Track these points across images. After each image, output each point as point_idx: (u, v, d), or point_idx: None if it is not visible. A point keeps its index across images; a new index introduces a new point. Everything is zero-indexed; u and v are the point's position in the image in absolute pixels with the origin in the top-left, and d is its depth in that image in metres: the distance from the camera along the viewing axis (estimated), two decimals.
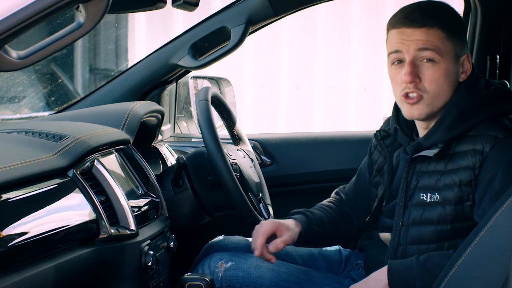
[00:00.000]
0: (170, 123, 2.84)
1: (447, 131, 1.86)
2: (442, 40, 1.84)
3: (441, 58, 1.84)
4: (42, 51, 1.32)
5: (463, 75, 1.90)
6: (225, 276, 2.02)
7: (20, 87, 4.80)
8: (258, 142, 2.82)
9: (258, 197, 2.30)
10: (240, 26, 2.44)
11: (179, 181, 2.17)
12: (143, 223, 1.85)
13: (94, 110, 2.25)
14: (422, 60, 1.85)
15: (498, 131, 1.82)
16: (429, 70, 1.85)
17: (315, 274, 2.03)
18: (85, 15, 1.32)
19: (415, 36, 1.84)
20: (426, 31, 1.84)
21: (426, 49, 1.84)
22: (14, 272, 1.39)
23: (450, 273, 1.51)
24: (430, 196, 1.87)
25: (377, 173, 2.08)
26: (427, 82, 1.85)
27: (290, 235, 1.97)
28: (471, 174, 1.81)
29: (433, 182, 1.87)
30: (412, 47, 1.85)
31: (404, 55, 1.86)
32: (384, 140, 2.05)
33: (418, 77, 1.85)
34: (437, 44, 1.84)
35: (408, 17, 1.86)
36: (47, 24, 4.41)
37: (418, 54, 1.85)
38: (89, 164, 1.71)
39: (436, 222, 1.85)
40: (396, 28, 1.88)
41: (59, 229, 1.52)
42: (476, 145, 1.82)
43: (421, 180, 1.90)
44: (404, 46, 1.86)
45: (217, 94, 2.31)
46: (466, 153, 1.83)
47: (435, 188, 1.86)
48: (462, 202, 1.82)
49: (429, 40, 1.84)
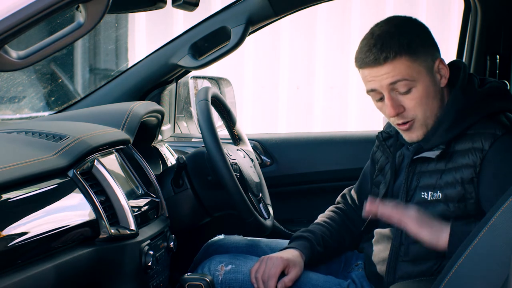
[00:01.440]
0: (170, 123, 2.84)
1: (447, 132, 1.87)
2: (409, 65, 1.84)
3: (415, 81, 1.85)
4: (42, 51, 1.32)
5: (443, 80, 1.90)
6: (225, 279, 2.02)
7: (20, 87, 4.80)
8: (258, 142, 2.82)
9: (258, 197, 2.29)
10: (240, 26, 2.44)
11: (179, 181, 2.17)
12: (143, 223, 1.85)
13: (94, 110, 2.25)
14: (398, 91, 1.86)
15: (496, 128, 1.84)
16: (409, 98, 1.86)
17: (315, 277, 2.03)
18: (85, 15, 1.32)
19: (382, 72, 1.84)
20: (391, 64, 1.83)
21: (397, 81, 1.84)
22: (14, 272, 1.39)
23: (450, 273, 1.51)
24: (431, 195, 1.88)
25: (379, 172, 2.09)
26: (411, 108, 1.87)
27: (297, 271, 1.99)
28: (472, 172, 1.83)
29: (433, 181, 1.88)
30: (384, 83, 1.85)
31: (380, 91, 1.87)
32: (386, 141, 2.07)
33: (401, 107, 1.87)
34: (406, 72, 1.83)
35: (369, 56, 1.85)
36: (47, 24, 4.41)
37: (392, 87, 1.85)
38: (89, 164, 1.71)
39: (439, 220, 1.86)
40: (362, 68, 1.88)
41: (59, 229, 1.52)
42: (475, 143, 1.84)
43: (421, 180, 1.91)
44: (376, 84, 1.87)
45: (217, 94, 2.31)
46: (466, 152, 1.85)
47: (436, 187, 1.88)
48: (465, 199, 1.84)
49: (396, 73, 1.83)
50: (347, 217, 2.19)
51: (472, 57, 2.73)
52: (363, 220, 2.13)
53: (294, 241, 2.09)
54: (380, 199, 2.05)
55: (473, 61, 2.73)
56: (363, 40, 1.90)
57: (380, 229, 2.03)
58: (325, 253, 2.10)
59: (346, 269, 2.16)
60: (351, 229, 2.17)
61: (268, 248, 2.23)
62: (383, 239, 2.00)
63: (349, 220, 2.18)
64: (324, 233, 2.11)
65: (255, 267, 1.99)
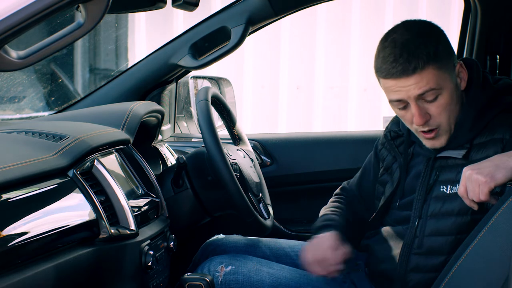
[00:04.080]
0: (170, 123, 2.84)
1: (470, 131, 1.88)
2: (436, 74, 1.82)
3: (442, 89, 1.84)
4: (42, 51, 1.32)
5: (462, 83, 1.90)
6: (225, 280, 2.02)
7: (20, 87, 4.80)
8: (258, 142, 2.82)
9: (258, 197, 2.29)
10: (240, 26, 2.44)
11: (179, 181, 2.17)
12: (143, 223, 1.85)
13: (94, 110, 2.25)
14: (425, 99, 1.84)
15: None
16: (435, 106, 1.85)
17: (315, 278, 2.03)
18: (85, 15, 1.32)
19: (410, 83, 1.81)
20: (420, 75, 1.81)
21: (426, 92, 1.82)
22: (14, 272, 1.39)
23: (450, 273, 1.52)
24: (450, 188, 1.89)
25: (385, 171, 2.08)
26: (437, 116, 1.86)
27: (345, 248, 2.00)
28: None
29: (453, 176, 1.89)
30: (411, 94, 1.83)
31: (407, 100, 1.85)
32: (394, 140, 2.06)
33: (427, 114, 1.85)
34: (434, 81, 1.82)
35: (396, 67, 1.81)
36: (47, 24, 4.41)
37: (420, 97, 1.83)
38: (89, 164, 1.71)
39: (457, 214, 1.86)
40: (387, 78, 1.84)
41: (59, 229, 1.52)
42: (494, 134, 1.85)
43: (441, 175, 1.92)
44: (403, 94, 1.84)
45: (217, 94, 2.31)
46: (486, 144, 1.85)
47: (455, 181, 1.88)
48: None
49: (425, 83, 1.81)
50: (350, 205, 2.19)
51: (472, 57, 2.73)
52: (366, 212, 2.12)
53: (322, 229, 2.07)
54: (386, 198, 2.05)
55: None
56: (384, 48, 1.85)
57: (388, 227, 2.02)
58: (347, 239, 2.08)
59: (346, 270, 2.15)
60: (357, 217, 2.16)
61: (267, 248, 2.23)
62: (392, 237, 1.99)
63: (352, 208, 2.18)
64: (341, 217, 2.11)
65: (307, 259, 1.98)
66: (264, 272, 2.04)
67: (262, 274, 2.03)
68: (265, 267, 2.06)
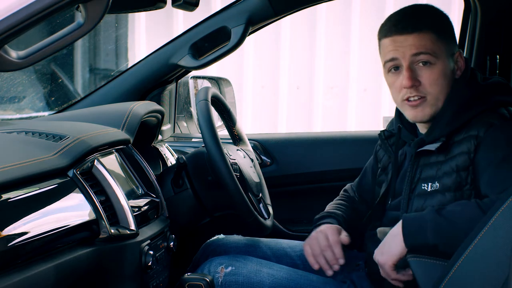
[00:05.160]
0: (170, 123, 2.84)
1: (447, 125, 1.89)
2: (434, 42, 1.88)
3: (436, 59, 1.89)
4: (42, 51, 1.32)
5: (458, 72, 1.94)
6: (225, 281, 2.02)
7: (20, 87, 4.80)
8: (258, 142, 2.82)
9: (258, 197, 2.29)
10: (240, 26, 2.44)
11: (179, 181, 2.17)
12: (143, 223, 1.85)
13: (94, 110, 2.25)
14: (418, 64, 1.89)
15: (494, 118, 1.87)
16: (427, 73, 1.89)
17: (315, 279, 2.03)
18: (85, 15, 1.32)
19: (408, 42, 1.88)
20: (418, 36, 1.88)
21: (421, 53, 1.88)
22: (14, 272, 1.39)
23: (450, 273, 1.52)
24: (430, 185, 1.90)
25: (382, 172, 2.09)
26: (427, 84, 1.89)
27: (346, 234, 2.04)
28: (467, 158, 1.84)
29: (433, 172, 1.90)
30: (407, 53, 1.88)
31: (400, 61, 1.90)
32: (388, 139, 2.07)
33: (417, 80, 1.89)
34: (431, 47, 1.88)
35: (398, 25, 1.90)
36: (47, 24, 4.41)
37: (414, 58, 1.88)
38: (89, 164, 1.71)
39: None
40: (388, 36, 1.92)
41: (59, 229, 1.52)
42: (470, 131, 1.86)
43: (423, 172, 1.93)
44: (399, 53, 1.89)
45: (217, 94, 2.31)
46: (462, 140, 1.87)
47: (435, 177, 1.89)
48: (461, 187, 1.85)
49: (422, 44, 1.88)
50: (353, 205, 2.21)
51: (472, 57, 2.73)
52: (367, 212, 2.14)
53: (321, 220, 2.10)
54: (381, 198, 2.06)
55: (473, 61, 2.73)
56: (392, 14, 1.95)
57: (384, 228, 2.03)
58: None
59: (346, 270, 2.16)
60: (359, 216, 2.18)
61: (267, 248, 2.23)
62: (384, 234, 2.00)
63: (354, 209, 2.20)
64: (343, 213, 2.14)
65: (309, 251, 2.01)
66: (264, 272, 2.04)
67: (262, 275, 2.03)
68: (265, 267, 2.06)
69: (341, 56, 5.35)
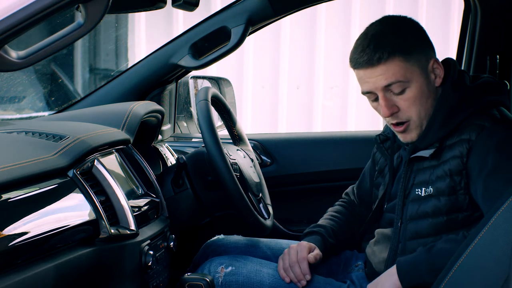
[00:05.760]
0: (170, 123, 2.84)
1: (439, 130, 1.88)
2: (403, 66, 1.84)
3: (410, 82, 1.85)
4: (42, 51, 1.32)
5: (437, 80, 1.90)
6: (225, 281, 2.02)
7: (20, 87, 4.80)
8: (258, 142, 2.82)
9: (258, 197, 2.29)
10: (240, 26, 2.44)
11: (179, 181, 2.17)
12: (143, 223, 1.85)
13: (94, 110, 2.25)
14: (392, 92, 1.86)
15: (485, 120, 1.85)
16: (403, 99, 1.86)
17: (315, 279, 2.03)
18: (85, 15, 1.32)
19: (377, 73, 1.84)
20: (385, 65, 1.83)
21: (392, 83, 1.84)
22: (14, 272, 1.39)
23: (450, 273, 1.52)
24: (424, 190, 1.90)
25: (379, 174, 2.10)
26: (406, 109, 1.87)
27: (319, 252, 2.05)
28: (460, 162, 1.83)
29: (427, 177, 1.90)
30: (378, 84, 1.85)
31: (375, 92, 1.87)
32: (384, 143, 2.07)
33: (395, 107, 1.87)
34: (400, 73, 1.84)
35: (362, 57, 1.84)
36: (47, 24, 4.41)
37: (387, 88, 1.86)
38: (89, 164, 1.71)
39: (432, 215, 1.87)
40: (356, 69, 1.88)
41: (59, 229, 1.52)
42: (462, 135, 1.85)
43: (417, 177, 1.93)
44: (370, 86, 1.87)
45: (217, 94, 2.31)
46: (454, 144, 1.86)
47: (428, 182, 1.89)
48: (456, 191, 1.84)
49: (391, 74, 1.83)
50: (353, 210, 2.22)
51: (472, 57, 2.73)
52: (364, 218, 2.14)
53: (306, 236, 2.11)
54: (379, 201, 2.07)
55: (473, 61, 2.72)
56: (357, 40, 1.90)
57: (382, 229, 2.04)
58: (337, 244, 2.13)
59: (346, 270, 2.16)
60: (360, 220, 2.20)
61: (267, 248, 2.23)
62: (384, 239, 2.01)
63: (354, 214, 2.21)
64: (333, 226, 2.15)
65: (281, 265, 2.03)
66: (264, 273, 2.04)
67: (262, 275, 2.03)
68: (265, 268, 2.06)
69: (341, 56, 5.35)
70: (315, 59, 5.38)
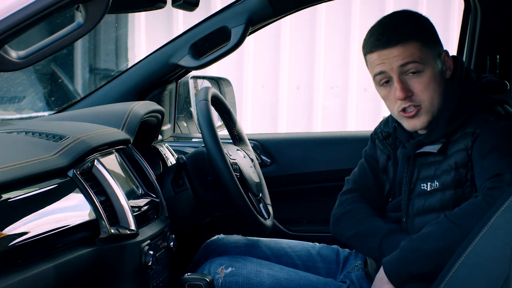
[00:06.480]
0: (170, 123, 2.84)
1: (446, 126, 1.89)
2: (420, 49, 1.88)
3: (425, 66, 1.88)
4: (42, 51, 1.32)
5: (448, 72, 1.94)
6: (225, 282, 2.02)
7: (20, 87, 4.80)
8: (258, 142, 2.82)
9: (258, 197, 2.29)
10: (240, 26, 2.44)
11: (179, 181, 2.17)
12: (143, 223, 1.85)
13: (94, 110, 2.25)
14: (407, 74, 1.88)
15: (490, 115, 1.88)
16: (417, 82, 1.88)
17: (315, 279, 2.03)
18: (85, 15, 1.32)
19: (394, 54, 1.87)
20: (403, 47, 1.87)
21: (408, 63, 1.87)
22: (14, 272, 1.39)
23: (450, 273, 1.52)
24: (430, 185, 1.91)
25: (383, 173, 2.09)
26: (419, 93, 1.89)
27: None
28: (465, 155, 1.85)
29: (432, 172, 1.91)
30: (394, 65, 1.88)
31: (389, 74, 1.89)
32: (386, 139, 2.07)
33: (409, 91, 1.89)
34: (418, 55, 1.87)
35: (381, 39, 1.89)
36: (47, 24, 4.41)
37: (402, 69, 1.88)
38: (89, 164, 1.71)
39: (439, 209, 1.88)
40: (373, 52, 1.91)
41: (59, 229, 1.52)
42: (467, 128, 1.87)
43: (421, 172, 1.94)
44: (386, 66, 1.89)
45: (217, 94, 2.31)
46: (459, 138, 1.88)
47: (434, 177, 1.90)
48: (462, 184, 1.86)
49: (408, 54, 1.87)
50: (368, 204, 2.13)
51: (472, 57, 2.73)
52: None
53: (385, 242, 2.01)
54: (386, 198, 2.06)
55: (473, 61, 2.73)
56: (372, 27, 1.94)
57: None
58: None
59: (345, 270, 2.16)
60: None
61: (267, 248, 2.23)
62: None
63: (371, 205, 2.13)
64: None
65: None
66: (264, 273, 2.04)
67: (262, 275, 2.03)
68: (265, 268, 2.06)
69: (341, 56, 5.36)
70: (315, 59, 5.38)
